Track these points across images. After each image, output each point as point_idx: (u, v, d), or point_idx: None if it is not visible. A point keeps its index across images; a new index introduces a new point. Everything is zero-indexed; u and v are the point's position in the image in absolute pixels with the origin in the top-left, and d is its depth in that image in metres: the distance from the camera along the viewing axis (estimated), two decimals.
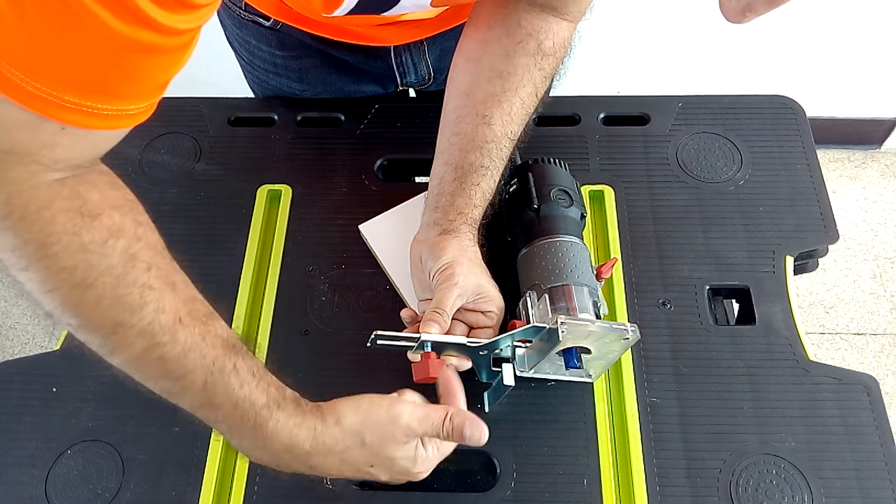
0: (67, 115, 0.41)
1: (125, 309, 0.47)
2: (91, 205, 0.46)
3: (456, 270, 0.64)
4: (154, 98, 0.47)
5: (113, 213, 0.47)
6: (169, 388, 0.51)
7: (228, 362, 0.51)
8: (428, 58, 0.87)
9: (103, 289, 0.47)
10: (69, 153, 0.45)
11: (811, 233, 0.78)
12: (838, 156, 1.87)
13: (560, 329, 0.59)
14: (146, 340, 0.49)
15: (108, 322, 0.48)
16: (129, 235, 0.48)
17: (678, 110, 0.87)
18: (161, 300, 0.49)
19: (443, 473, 0.68)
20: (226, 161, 0.86)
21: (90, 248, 0.46)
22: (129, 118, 0.46)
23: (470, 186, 0.68)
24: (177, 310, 0.49)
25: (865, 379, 0.69)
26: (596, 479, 0.65)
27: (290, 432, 0.52)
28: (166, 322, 0.49)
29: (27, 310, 1.72)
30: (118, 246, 0.47)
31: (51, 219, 0.45)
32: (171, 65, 0.45)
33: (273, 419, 0.52)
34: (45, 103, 0.40)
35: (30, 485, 0.66)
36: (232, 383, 0.51)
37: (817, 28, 1.56)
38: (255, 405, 0.52)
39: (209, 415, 0.52)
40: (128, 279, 0.47)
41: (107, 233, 0.47)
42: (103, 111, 0.43)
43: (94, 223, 0.46)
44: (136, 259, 0.48)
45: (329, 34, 0.81)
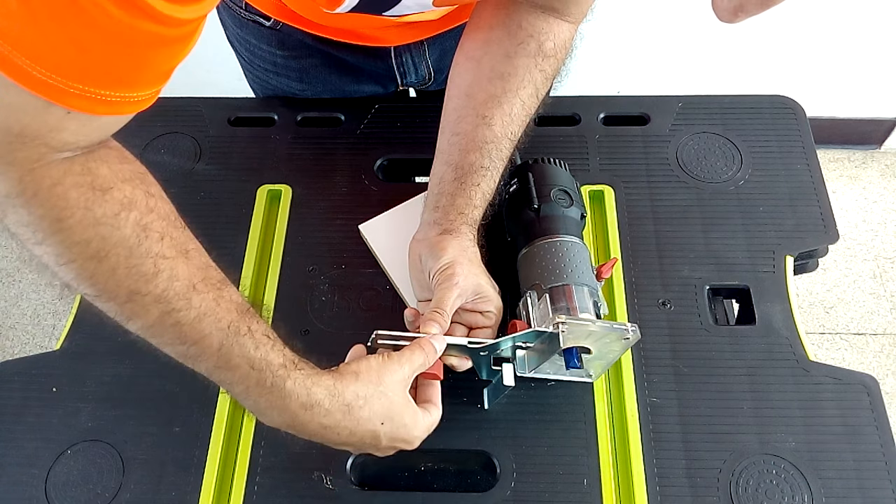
0: (72, 100, 0.42)
1: (139, 278, 0.49)
2: (102, 179, 0.48)
3: (456, 270, 0.64)
4: (159, 85, 0.48)
5: (124, 186, 0.49)
6: (185, 351, 0.52)
7: (243, 325, 0.53)
8: (428, 58, 0.87)
9: (117, 259, 0.48)
10: (76, 136, 0.46)
11: (811, 233, 0.78)
12: (838, 156, 1.87)
13: (560, 329, 0.59)
14: (161, 307, 0.50)
15: (124, 291, 0.49)
16: (141, 207, 0.49)
17: (678, 110, 0.87)
18: (175, 268, 0.50)
19: (443, 473, 0.68)
20: (226, 161, 0.86)
21: (102, 221, 0.47)
22: (134, 104, 0.46)
23: (470, 187, 0.68)
24: (190, 276, 0.51)
25: (865, 379, 0.69)
26: (596, 479, 0.65)
27: (309, 390, 0.54)
28: (181, 289, 0.50)
29: (27, 310, 1.72)
30: (130, 218, 0.48)
31: (63, 194, 0.46)
32: (175, 54, 0.46)
33: (290, 378, 0.53)
34: (50, 89, 0.41)
35: (30, 485, 0.66)
36: (247, 345, 0.52)
37: (817, 28, 1.56)
38: (272, 365, 0.53)
39: (226, 376, 0.53)
40: (141, 249, 0.49)
41: (118, 206, 0.48)
42: (108, 97, 0.44)
43: (105, 197, 0.47)
44: (148, 230, 0.49)
45: (329, 34, 0.81)
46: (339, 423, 0.55)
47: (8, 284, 1.76)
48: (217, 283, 0.53)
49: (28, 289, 1.75)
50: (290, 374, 0.54)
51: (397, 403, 0.57)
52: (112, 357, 0.73)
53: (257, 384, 0.53)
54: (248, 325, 0.53)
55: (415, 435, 0.60)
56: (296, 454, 0.67)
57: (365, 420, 0.56)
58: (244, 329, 0.53)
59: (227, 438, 0.68)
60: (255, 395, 0.54)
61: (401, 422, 0.58)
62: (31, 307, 1.72)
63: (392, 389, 0.57)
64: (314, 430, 0.56)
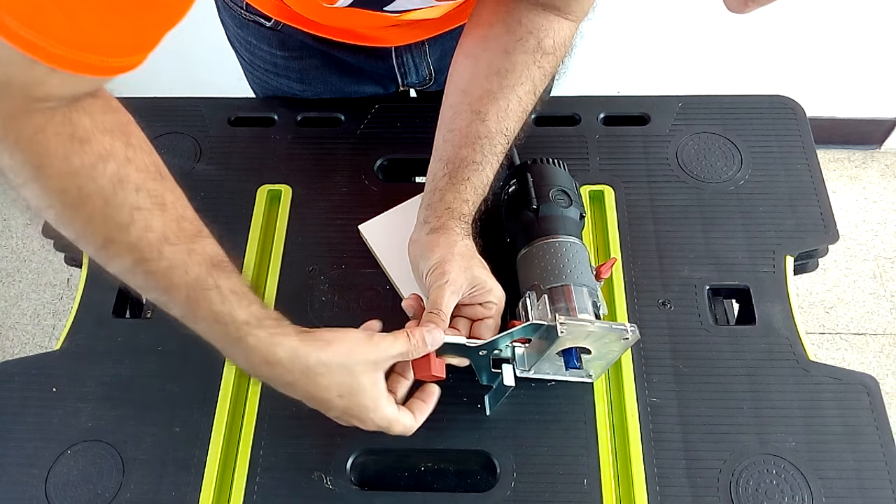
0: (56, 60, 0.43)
1: (114, 226, 0.51)
2: (82, 130, 0.49)
3: (446, 268, 0.64)
4: (144, 52, 0.48)
5: (103, 138, 0.50)
6: (157, 298, 0.55)
7: (210, 279, 0.54)
8: (429, 58, 0.87)
9: (93, 208, 0.50)
10: (60, 90, 0.47)
11: (811, 233, 0.78)
12: (838, 156, 1.87)
13: (559, 329, 0.59)
14: (134, 255, 0.52)
15: (100, 237, 0.52)
16: (119, 159, 0.50)
17: (678, 110, 0.87)
18: (149, 219, 0.51)
19: (443, 473, 0.68)
20: (226, 161, 0.86)
21: (80, 171, 0.49)
22: (117, 69, 0.47)
23: (460, 182, 0.68)
24: (164, 228, 0.52)
25: (865, 379, 0.69)
26: (596, 479, 0.65)
27: (270, 348, 0.55)
28: (153, 239, 0.52)
29: (27, 310, 1.72)
30: (107, 169, 0.50)
31: (44, 142, 0.48)
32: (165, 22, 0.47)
33: (252, 335, 0.54)
34: (35, 47, 0.42)
35: (30, 485, 0.66)
36: (213, 299, 0.54)
37: (817, 28, 1.56)
38: (236, 320, 0.54)
39: (195, 326, 0.55)
40: (116, 200, 0.50)
41: (96, 157, 0.49)
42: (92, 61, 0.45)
43: (84, 148, 0.49)
44: (124, 181, 0.50)
45: (330, 35, 0.81)
46: (297, 383, 0.56)
47: (8, 284, 1.76)
48: (191, 234, 0.54)
49: (28, 289, 1.75)
50: (252, 332, 0.54)
51: (362, 382, 0.57)
52: (112, 357, 0.73)
53: (223, 336, 0.55)
54: (216, 280, 0.54)
55: (370, 417, 0.59)
56: (296, 454, 0.67)
57: (323, 388, 0.56)
58: (211, 283, 0.53)
59: (227, 438, 0.68)
60: (221, 346, 0.56)
61: (360, 401, 0.58)
62: (31, 307, 1.72)
63: (360, 367, 0.57)
64: (276, 384, 0.57)
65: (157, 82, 1.04)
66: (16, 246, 1.81)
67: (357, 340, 0.57)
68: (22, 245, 1.81)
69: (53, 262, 1.77)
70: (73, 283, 1.74)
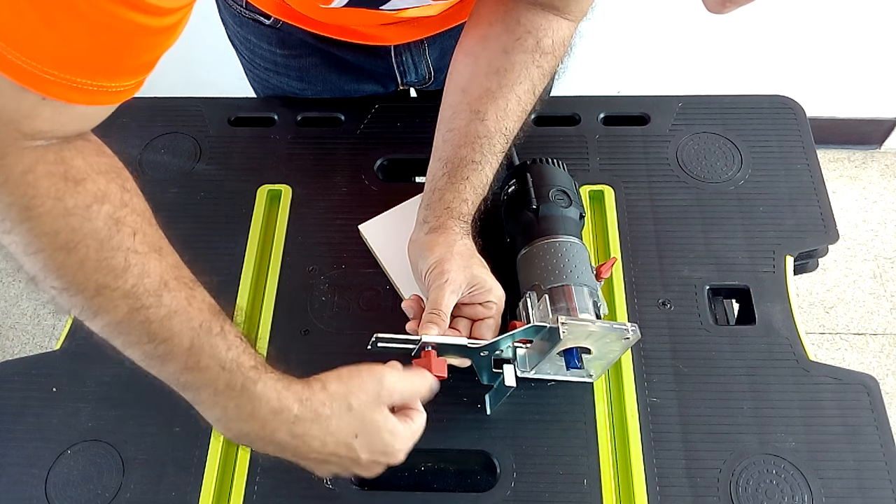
0: (48, 86, 0.41)
1: (109, 272, 0.48)
2: (76, 170, 0.46)
3: (445, 268, 0.64)
4: (140, 76, 0.46)
5: (98, 179, 0.47)
6: (152, 350, 0.50)
7: (216, 325, 0.51)
8: (428, 57, 0.87)
9: (87, 251, 0.47)
10: (51, 125, 0.44)
11: (811, 233, 0.78)
12: (838, 156, 1.87)
13: (561, 329, 0.59)
14: (130, 303, 0.48)
15: (92, 284, 0.48)
16: (115, 201, 0.48)
17: (678, 110, 0.87)
18: (146, 264, 0.49)
19: (443, 473, 0.68)
20: (226, 161, 0.86)
21: (74, 212, 0.46)
22: (113, 95, 0.45)
23: (459, 181, 0.68)
24: (162, 274, 0.50)
25: (865, 379, 0.69)
26: (596, 479, 0.65)
27: (279, 394, 0.52)
28: (151, 285, 0.49)
29: (27, 310, 1.72)
30: (103, 210, 0.47)
31: (34, 182, 0.45)
32: (158, 45, 0.45)
33: (261, 381, 0.52)
34: (25, 74, 0.40)
35: (30, 485, 0.66)
36: (219, 345, 0.51)
37: (817, 28, 1.56)
38: (243, 367, 0.52)
39: (194, 379, 0.51)
40: (112, 243, 0.47)
41: (91, 197, 0.47)
42: (85, 86, 0.43)
43: (77, 188, 0.46)
44: (121, 224, 0.48)
45: (329, 33, 0.81)
46: (308, 432, 0.53)
47: (8, 284, 1.76)
48: (189, 282, 0.52)
49: (28, 289, 1.75)
50: (261, 377, 0.52)
51: (370, 418, 0.55)
52: (112, 357, 0.72)
53: (227, 387, 0.52)
54: (221, 325, 0.52)
55: (397, 448, 0.57)
56: None
57: (335, 432, 0.54)
58: (217, 329, 0.51)
59: None
60: (223, 400, 0.52)
61: (377, 437, 0.55)
62: (31, 307, 1.72)
63: (363, 405, 0.54)
64: (283, 438, 0.53)
65: (157, 82, 1.04)
66: None
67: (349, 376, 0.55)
68: None
69: None
70: None
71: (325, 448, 0.55)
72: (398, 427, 0.57)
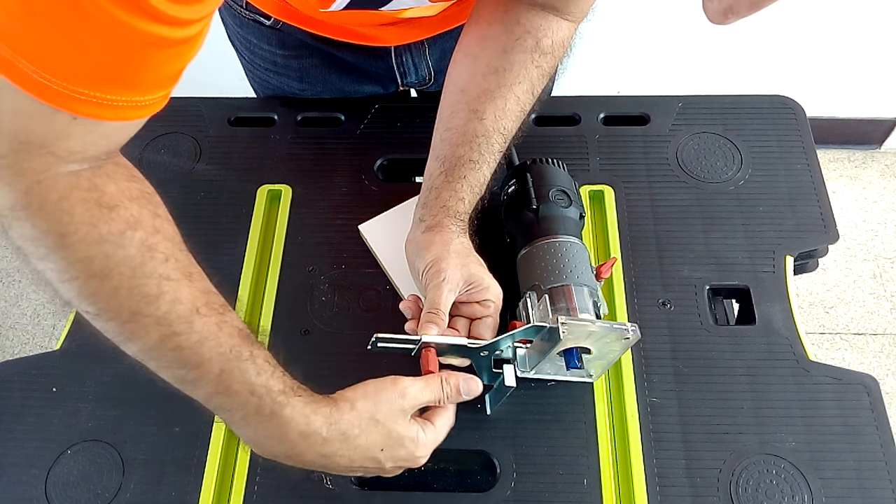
0: (78, 105, 0.42)
1: (142, 299, 0.48)
2: (109, 196, 0.47)
3: (441, 266, 0.64)
4: (167, 89, 0.47)
5: (131, 205, 0.48)
6: (184, 376, 0.52)
7: (245, 351, 0.52)
8: (429, 58, 0.87)
9: (120, 279, 0.47)
10: (83, 144, 0.45)
11: (811, 233, 0.78)
12: (838, 156, 1.87)
13: (561, 329, 0.59)
14: (163, 329, 0.49)
15: (125, 311, 0.49)
16: (147, 227, 0.49)
17: (678, 110, 0.87)
18: (178, 291, 0.49)
19: (443, 473, 0.68)
20: (226, 161, 0.86)
21: (108, 238, 0.47)
22: (141, 109, 0.46)
23: (456, 180, 0.68)
24: (194, 300, 0.50)
25: (865, 379, 0.69)
26: (596, 479, 0.65)
27: (307, 418, 0.53)
28: (183, 312, 0.49)
29: (27, 310, 1.72)
30: (136, 237, 0.48)
31: (69, 209, 0.46)
32: (182, 55, 0.45)
33: (290, 405, 0.53)
34: (55, 94, 0.41)
35: (30, 485, 0.66)
36: (249, 371, 0.52)
37: (817, 28, 1.56)
38: (272, 392, 0.52)
39: (225, 402, 0.53)
40: (145, 270, 0.48)
41: (124, 224, 0.47)
42: (114, 102, 0.43)
43: (111, 214, 0.47)
44: (153, 250, 0.49)
45: (330, 34, 0.81)
46: (336, 452, 0.55)
47: (8, 284, 1.76)
48: (219, 307, 0.52)
49: (28, 289, 1.75)
50: (290, 401, 0.53)
51: (395, 431, 0.56)
52: (112, 357, 0.72)
53: (256, 411, 0.52)
54: (251, 351, 0.52)
55: (418, 455, 0.58)
56: None
57: (363, 448, 0.55)
58: (246, 354, 0.52)
59: (227, 438, 0.68)
60: (253, 423, 0.53)
61: (400, 447, 0.57)
62: (31, 307, 1.72)
63: (388, 419, 0.56)
64: (313, 458, 0.55)
65: None
66: (19, 260, 1.81)
67: (377, 392, 0.56)
68: None
69: None
70: None
71: (353, 464, 0.56)
72: (420, 435, 0.58)
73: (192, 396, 0.53)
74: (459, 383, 0.59)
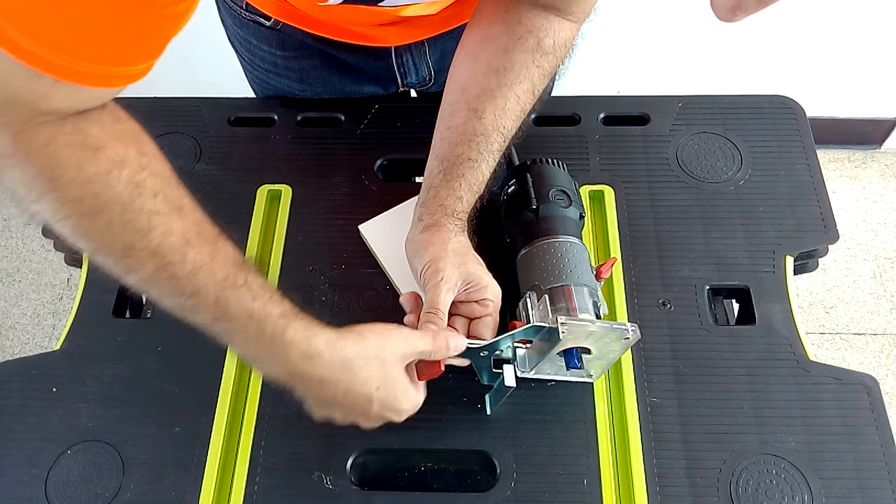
0: (59, 72, 0.43)
1: (134, 233, 0.50)
2: (93, 139, 0.49)
3: (439, 266, 0.64)
4: (150, 60, 0.48)
5: (116, 145, 0.50)
6: (182, 303, 0.53)
7: (239, 278, 0.53)
8: (429, 58, 0.87)
9: (111, 215, 0.49)
10: (66, 103, 0.47)
11: (811, 233, 0.78)
12: (838, 156, 1.87)
13: (560, 329, 0.59)
14: (157, 261, 0.51)
15: (119, 245, 0.51)
16: (134, 165, 0.50)
17: (678, 110, 0.87)
18: (169, 224, 0.51)
19: (443, 473, 0.68)
20: (226, 161, 0.86)
21: (95, 179, 0.48)
22: (124, 78, 0.47)
23: (454, 178, 0.68)
24: (185, 231, 0.52)
25: (865, 379, 0.69)
26: (596, 479, 0.65)
27: (309, 340, 0.54)
28: (175, 243, 0.51)
29: (27, 310, 1.72)
30: (123, 175, 0.49)
31: (56, 153, 0.47)
32: (167, 30, 0.47)
33: (291, 328, 0.54)
34: (37, 59, 0.42)
35: (30, 485, 0.66)
36: (244, 296, 0.53)
37: (817, 28, 1.56)
38: (271, 315, 0.54)
39: (225, 327, 0.54)
40: (134, 206, 0.50)
41: (110, 164, 0.49)
42: (94, 71, 0.45)
43: (97, 155, 0.49)
44: (141, 187, 0.50)
45: (330, 34, 0.81)
46: (337, 377, 0.56)
47: (8, 284, 1.76)
48: (212, 237, 0.54)
49: (28, 289, 1.75)
50: (291, 324, 0.54)
51: (393, 373, 0.58)
52: (112, 357, 0.73)
53: (257, 334, 0.54)
54: (245, 278, 0.54)
55: (403, 408, 0.60)
56: (296, 454, 0.67)
57: (362, 380, 0.56)
58: (241, 281, 0.53)
59: (227, 438, 0.68)
60: (255, 345, 0.55)
61: (393, 392, 0.59)
62: (31, 307, 1.72)
63: (391, 359, 0.58)
64: (311, 382, 0.56)
65: (157, 82, 1.04)
66: (16, 246, 1.81)
67: (386, 333, 0.58)
68: (22, 245, 1.81)
69: (53, 262, 1.77)
70: (73, 283, 1.74)
71: (348, 396, 0.57)
72: (410, 389, 0.60)
73: (195, 323, 0.55)
74: (449, 338, 0.60)
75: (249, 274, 0.54)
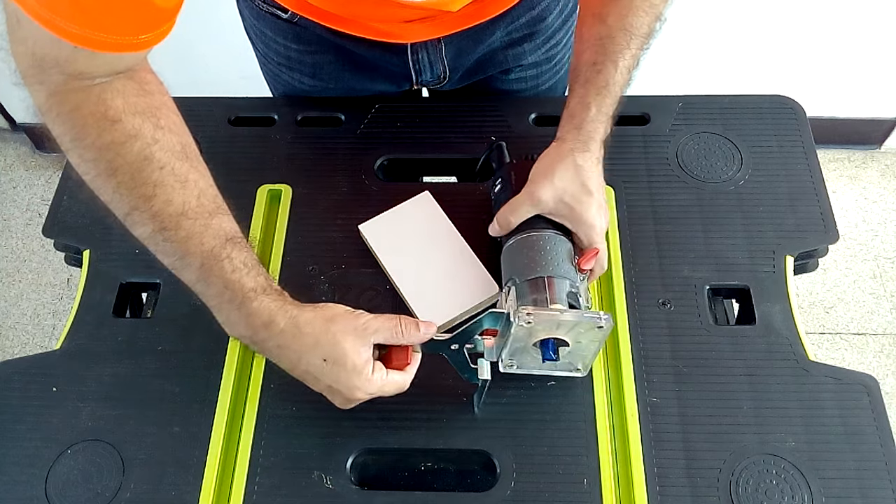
0: (75, 39, 0.49)
1: (139, 198, 0.58)
2: (113, 111, 0.56)
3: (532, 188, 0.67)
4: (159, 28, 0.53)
5: (133, 119, 0.57)
6: (173, 263, 0.61)
7: (224, 252, 0.60)
8: (444, 56, 0.86)
9: (122, 179, 0.57)
10: (88, 67, 0.53)
11: (811, 233, 0.78)
12: (838, 156, 1.87)
13: (526, 319, 0.59)
14: (155, 224, 0.58)
15: (126, 205, 0.59)
16: (146, 139, 0.57)
17: (678, 110, 0.87)
18: (170, 194, 0.58)
19: (443, 473, 0.68)
20: (226, 161, 0.86)
21: (110, 147, 0.56)
22: (138, 45, 0.53)
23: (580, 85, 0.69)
24: (184, 203, 0.59)
25: (865, 379, 0.69)
26: (596, 479, 0.65)
27: (272, 313, 0.60)
28: (172, 212, 0.58)
29: (27, 310, 1.72)
30: (135, 147, 0.57)
31: (81, 120, 0.55)
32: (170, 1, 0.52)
33: (257, 300, 0.60)
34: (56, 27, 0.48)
35: (30, 484, 0.66)
36: (225, 268, 0.60)
37: (817, 28, 1.56)
38: (244, 288, 0.60)
39: (204, 290, 0.61)
40: (142, 175, 0.57)
41: (125, 136, 0.56)
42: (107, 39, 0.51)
43: (114, 126, 0.56)
44: (150, 159, 0.57)
45: (346, 28, 0.80)
46: (289, 345, 0.60)
47: (8, 284, 1.76)
48: (210, 210, 0.60)
49: (28, 289, 1.75)
50: (258, 297, 0.60)
51: (342, 346, 0.59)
52: (112, 357, 0.73)
53: (229, 301, 0.60)
54: (229, 252, 0.60)
55: (355, 384, 0.60)
56: (296, 454, 0.67)
57: (308, 349, 0.59)
58: (224, 255, 0.59)
59: (227, 438, 0.68)
60: (226, 309, 0.61)
61: (342, 367, 0.59)
62: (31, 307, 1.72)
63: (341, 331, 0.59)
64: (270, 348, 0.61)
65: None
66: (16, 246, 1.81)
67: (341, 309, 0.61)
68: (22, 245, 1.81)
69: (53, 262, 1.77)
70: (73, 283, 1.74)
71: (297, 367, 0.61)
72: (367, 369, 0.60)
73: (182, 279, 0.61)
74: (418, 322, 0.62)
75: (235, 249, 0.60)
